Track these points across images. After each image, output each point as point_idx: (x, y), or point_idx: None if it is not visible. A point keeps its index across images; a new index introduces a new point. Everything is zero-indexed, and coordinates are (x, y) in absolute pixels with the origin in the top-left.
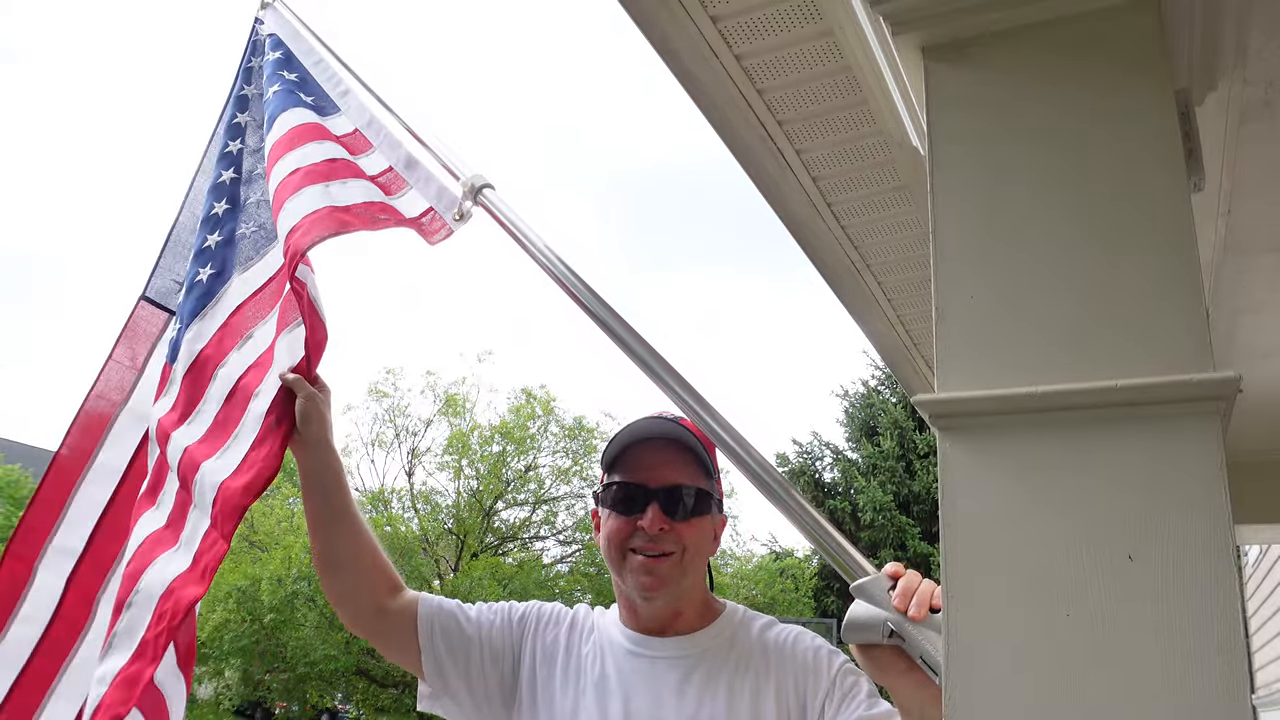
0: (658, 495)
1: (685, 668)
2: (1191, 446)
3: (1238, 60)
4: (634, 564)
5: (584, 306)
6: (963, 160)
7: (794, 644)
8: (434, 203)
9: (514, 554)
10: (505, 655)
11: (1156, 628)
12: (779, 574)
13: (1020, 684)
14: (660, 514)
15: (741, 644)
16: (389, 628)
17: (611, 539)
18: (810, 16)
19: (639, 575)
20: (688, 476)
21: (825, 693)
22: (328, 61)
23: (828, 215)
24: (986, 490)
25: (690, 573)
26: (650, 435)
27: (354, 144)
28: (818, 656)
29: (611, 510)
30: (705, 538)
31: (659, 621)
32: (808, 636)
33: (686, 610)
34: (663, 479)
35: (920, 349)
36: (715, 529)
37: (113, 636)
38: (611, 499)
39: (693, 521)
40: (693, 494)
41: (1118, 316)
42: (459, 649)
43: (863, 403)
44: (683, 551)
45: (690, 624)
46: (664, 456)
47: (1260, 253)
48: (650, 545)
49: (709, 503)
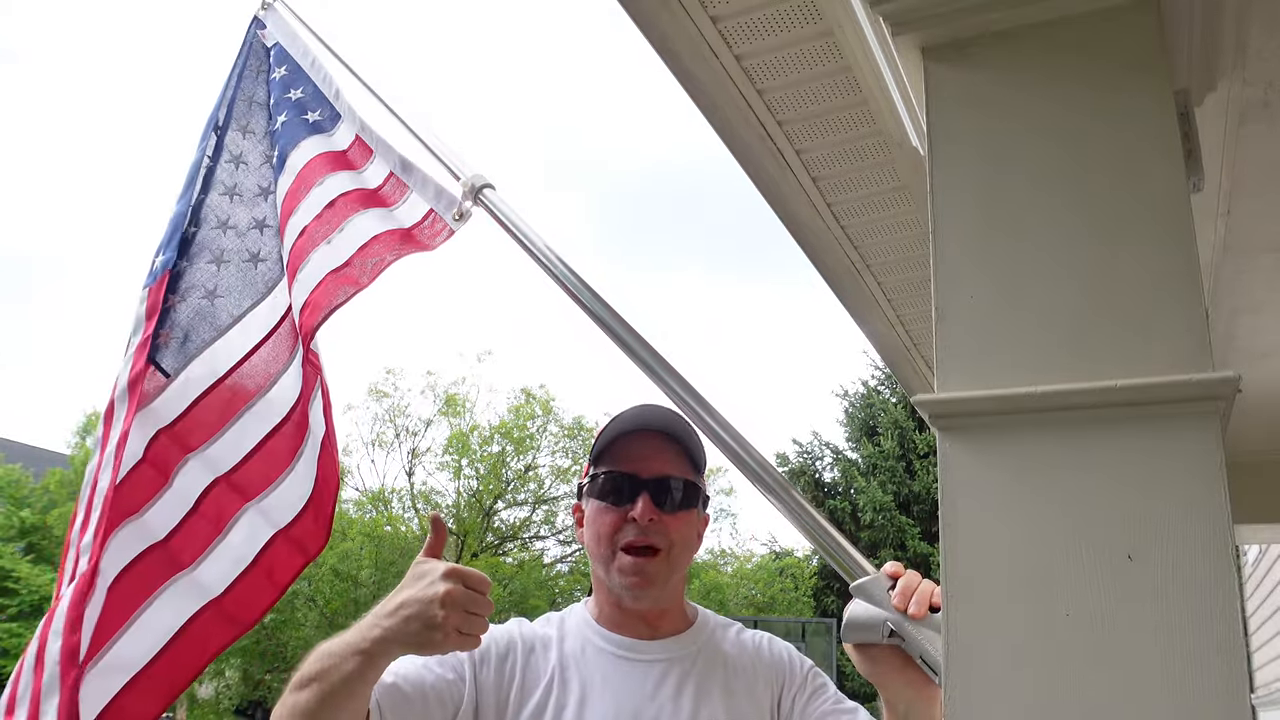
0: (648, 486)
1: (679, 671)
2: (1191, 446)
3: (1237, 60)
4: (624, 563)
5: (584, 306)
6: (963, 160)
7: (769, 646)
8: (433, 203)
9: (514, 554)
10: (454, 697)
11: (1156, 627)
12: (779, 574)
13: (1020, 683)
14: (650, 504)
15: (722, 646)
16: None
17: (600, 532)
18: (810, 17)
19: (628, 575)
20: (677, 468)
21: (797, 688)
22: (323, 61)
23: (828, 215)
24: (986, 490)
25: (676, 569)
26: (641, 426)
27: (356, 156)
28: (790, 656)
29: (600, 501)
30: (691, 533)
31: (645, 619)
32: (778, 640)
33: (671, 609)
34: (653, 469)
35: (920, 349)
36: (699, 526)
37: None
38: (600, 489)
39: (680, 515)
40: (681, 486)
41: (1117, 316)
42: (407, 715)
43: (863, 403)
44: (670, 547)
45: (675, 625)
46: (655, 447)
47: (1259, 253)
48: (639, 538)
49: (697, 497)
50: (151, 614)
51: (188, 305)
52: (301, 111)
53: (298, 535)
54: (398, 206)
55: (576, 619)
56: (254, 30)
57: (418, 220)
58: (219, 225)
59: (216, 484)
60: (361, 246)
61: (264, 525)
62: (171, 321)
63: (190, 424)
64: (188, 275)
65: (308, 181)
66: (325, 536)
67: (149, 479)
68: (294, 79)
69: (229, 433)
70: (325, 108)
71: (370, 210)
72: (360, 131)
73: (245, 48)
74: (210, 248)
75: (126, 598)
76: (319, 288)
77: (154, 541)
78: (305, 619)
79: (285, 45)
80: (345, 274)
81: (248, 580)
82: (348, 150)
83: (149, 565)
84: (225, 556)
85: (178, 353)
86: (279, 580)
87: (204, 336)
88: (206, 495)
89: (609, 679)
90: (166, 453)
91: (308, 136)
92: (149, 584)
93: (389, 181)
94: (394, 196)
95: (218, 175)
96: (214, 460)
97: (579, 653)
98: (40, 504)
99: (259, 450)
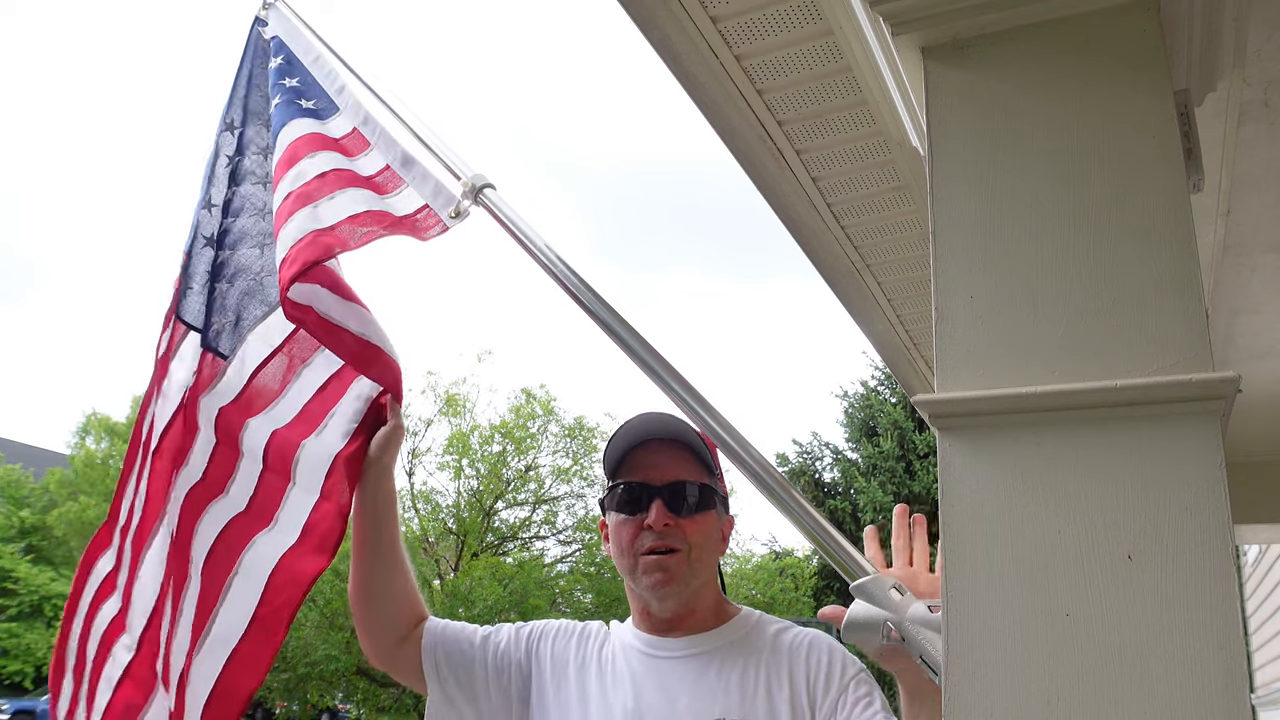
0: (661, 492)
1: (699, 664)
2: (1191, 446)
3: (1237, 61)
4: (645, 564)
5: (584, 306)
6: (962, 160)
7: (809, 646)
8: (430, 200)
9: (514, 554)
10: (508, 670)
11: (1156, 627)
12: (779, 574)
13: (1020, 683)
14: (664, 510)
15: (755, 644)
16: (405, 656)
17: (621, 544)
18: (810, 17)
19: (651, 573)
20: (690, 473)
21: (836, 696)
22: (326, 58)
23: (828, 215)
24: (986, 491)
25: (700, 571)
26: (649, 435)
27: (351, 145)
28: (832, 660)
29: (618, 512)
30: (711, 535)
31: (672, 621)
32: (824, 640)
33: (699, 609)
34: (665, 476)
35: (920, 349)
36: (722, 528)
37: (214, 617)
38: (617, 501)
39: (696, 518)
40: (695, 490)
41: (1117, 316)
42: (462, 671)
43: (862, 403)
44: (689, 549)
45: (704, 623)
46: (666, 455)
47: (1259, 253)
48: (657, 543)
49: (713, 499)
50: (239, 581)
51: (236, 289)
52: (295, 97)
53: (351, 455)
54: (390, 196)
55: (622, 626)
56: (256, 29)
57: (410, 212)
58: (258, 213)
59: (276, 434)
60: (350, 215)
61: (324, 454)
62: (223, 307)
63: (251, 395)
64: (233, 261)
65: (300, 153)
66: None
67: (226, 458)
68: (289, 68)
69: (288, 394)
70: (321, 98)
71: (363, 190)
72: (360, 126)
73: (249, 47)
74: (253, 233)
75: (217, 573)
76: (301, 242)
77: (237, 512)
78: (305, 619)
79: (285, 40)
80: (333, 234)
81: (320, 510)
82: (341, 139)
83: (234, 534)
84: (298, 500)
85: (232, 334)
86: (342, 505)
87: (256, 313)
88: (269, 447)
89: (634, 671)
90: (232, 426)
91: (299, 118)
92: (235, 552)
93: (383, 173)
94: (388, 187)
95: (248, 167)
96: (276, 418)
97: (619, 648)
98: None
99: (317, 395)
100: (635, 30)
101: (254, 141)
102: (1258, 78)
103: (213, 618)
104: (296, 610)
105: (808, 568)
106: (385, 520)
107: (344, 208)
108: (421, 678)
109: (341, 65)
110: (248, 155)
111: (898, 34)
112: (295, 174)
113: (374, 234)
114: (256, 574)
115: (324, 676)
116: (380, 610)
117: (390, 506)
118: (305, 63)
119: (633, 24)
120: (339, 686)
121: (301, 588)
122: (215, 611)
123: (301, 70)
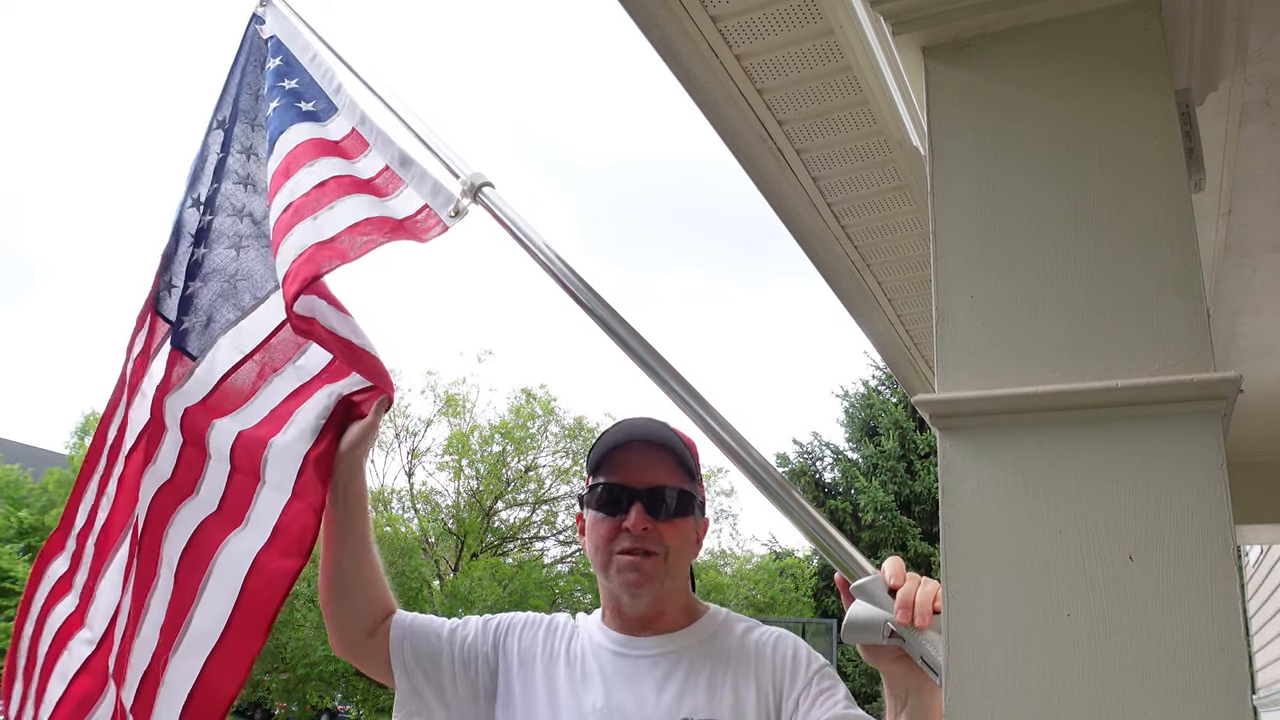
0: (642, 496)
1: (668, 664)
2: (1192, 446)
3: (1238, 60)
4: (620, 563)
5: (584, 306)
6: (963, 160)
7: (775, 644)
8: (429, 199)
9: (514, 554)
10: (475, 663)
11: (1157, 628)
12: (779, 574)
13: (1021, 684)
14: (643, 514)
15: (723, 643)
16: (373, 649)
17: (597, 541)
18: (810, 16)
19: (625, 573)
20: (671, 478)
21: (801, 689)
22: (324, 57)
23: (828, 215)
24: (986, 490)
25: (673, 574)
26: (634, 437)
27: (350, 147)
28: (796, 656)
29: (597, 511)
30: (687, 540)
31: (642, 620)
32: (789, 638)
33: (670, 610)
34: (646, 480)
35: (920, 349)
36: (698, 531)
37: (189, 621)
38: (597, 500)
39: (675, 522)
40: (675, 495)
41: (1118, 316)
42: (429, 664)
43: (863, 403)
44: (665, 552)
45: (673, 623)
46: (648, 458)
47: (1260, 253)
48: (634, 545)
49: (691, 504)
50: (213, 582)
51: (209, 289)
52: (295, 99)
53: (321, 454)
54: (390, 199)
55: (589, 620)
56: (253, 26)
57: (410, 214)
58: (235, 213)
59: (243, 435)
60: (351, 225)
61: (294, 453)
62: (194, 307)
63: (219, 398)
64: (208, 261)
65: (298, 161)
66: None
67: (194, 459)
68: (289, 70)
69: (257, 399)
70: (320, 99)
71: (363, 195)
72: (358, 126)
73: (245, 44)
74: (229, 234)
75: (191, 574)
76: (302, 257)
77: (209, 513)
78: (305, 619)
79: (282, 39)
80: (332, 247)
81: (292, 509)
82: (341, 141)
83: (207, 535)
84: (269, 500)
85: (201, 334)
86: (314, 504)
87: (228, 317)
88: (236, 448)
89: (604, 670)
90: (198, 426)
91: (299, 122)
92: (208, 552)
93: (383, 175)
94: (387, 189)
95: (230, 165)
96: (243, 421)
97: (588, 644)
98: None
99: (286, 400)
100: (635, 29)
101: (239, 140)
102: (1259, 77)
103: (188, 619)
104: (278, 611)
105: (808, 568)
106: (356, 515)
107: (344, 216)
108: (389, 671)
109: (340, 64)
110: (231, 153)
111: (898, 33)
112: (292, 187)
113: (374, 242)
114: (231, 575)
115: (323, 677)
116: (349, 604)
117: (360, 502)
118: (303, 62)
119: (633, 23)
120: (338, 687)
121: (280, 589)
122: (191, 613)
123: (300, 70)
